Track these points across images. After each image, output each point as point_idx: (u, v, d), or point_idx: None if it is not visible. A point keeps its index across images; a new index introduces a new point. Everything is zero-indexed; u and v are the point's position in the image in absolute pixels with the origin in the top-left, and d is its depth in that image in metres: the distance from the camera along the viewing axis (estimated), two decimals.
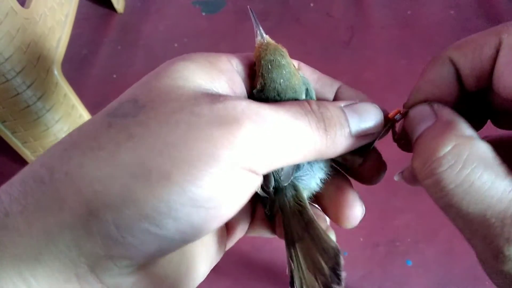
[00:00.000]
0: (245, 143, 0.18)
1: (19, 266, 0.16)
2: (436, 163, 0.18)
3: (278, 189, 0.23)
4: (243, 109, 0.18)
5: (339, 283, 0.19)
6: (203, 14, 1.16)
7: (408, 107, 0.22)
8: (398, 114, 0.23)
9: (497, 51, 0.19)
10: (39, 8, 0.77)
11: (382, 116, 0.22)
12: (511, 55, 0.19)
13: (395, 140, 0.24)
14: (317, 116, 0.21)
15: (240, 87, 0.22)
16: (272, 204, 0.24)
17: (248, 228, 0.27)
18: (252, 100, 0.20)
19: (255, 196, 0.22)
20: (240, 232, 0.26)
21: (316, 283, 0.20)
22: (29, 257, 0.16)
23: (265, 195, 0.23)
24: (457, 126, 0.19)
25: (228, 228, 0.26)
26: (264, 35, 0.23)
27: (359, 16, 1.15)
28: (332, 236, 0.23)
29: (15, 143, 0.79)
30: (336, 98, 0.25)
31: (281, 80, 0.22)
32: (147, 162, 0.17)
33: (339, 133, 0.21)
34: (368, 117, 0.22)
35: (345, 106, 0.22)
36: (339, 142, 0.21)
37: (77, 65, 1.07)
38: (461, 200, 0.17)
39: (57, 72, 0.80)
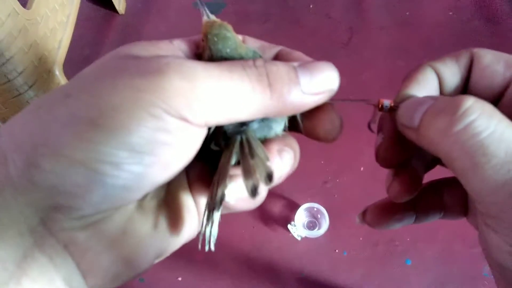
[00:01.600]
0: (168, 90, 0.18)
1: None
2: (466, 113, 0.18)
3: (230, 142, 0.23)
4: (168, 62, 0.19)
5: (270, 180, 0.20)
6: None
7: (398, 102, 0.23)
8: (389, 104, 0.23)
9: (471, 61, 0.23)
10: (41, 9, 0.77)
11: (337, 74, 0.22)
12: (485, 61, 0.22)
13: (369, 123, 0.24)
14: (259, 70, 0.20)
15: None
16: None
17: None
18: (180, 57, 0.20)
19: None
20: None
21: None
22: None
23: (217, 148, 0.23)
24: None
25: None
26: (210, 15, 0.24)
27: (358, 17, 1.15)
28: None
29: None
30: (276, 59, 0.24)
31: (228, 50, 0.23)
32: (76, 112, 0.18)
33: (286, 89, 0.20)
34: (321, 75, 0.21)
35: (298, 65, 0.21)
36: (289, 100, 0.20)
37: (79, 66, 1.06)
38: (496, 148, 0.18)
39: (58, 73, 0.81)
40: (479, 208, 0.19)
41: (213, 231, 0.21)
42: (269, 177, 0.20)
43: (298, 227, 0.80)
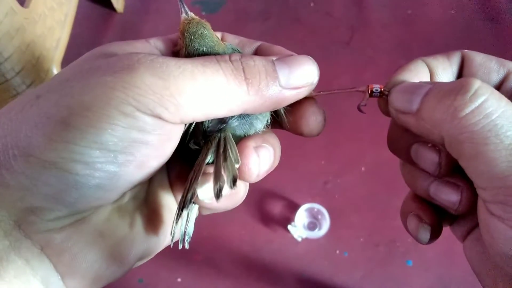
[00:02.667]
0: (139, 87, 0.18)
1: None
2: (476, 94, 0.18)
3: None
4: (139, 59, 0.19)
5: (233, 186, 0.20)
6: (203, 13, 1.15)
7: (389, 87, 0.22)
8: (379, 88, 0.22)
9: (462, 60, 0.22)
10: (39, 8, 0.77)
11: (316, 68, 0.22)
12: (478, 59, 0.22)
13: (359, 105, 0.24)
14: (234, 65, 0.20)
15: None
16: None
17: None
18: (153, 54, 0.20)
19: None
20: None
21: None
22: None
23: (196, 147, 0.23)
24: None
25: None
26: (189, 12, 0.24)
27: (359, 15, 1.15)
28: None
29: None
30: (256, 54, 0.24)
31: (204, 49, 0.22)
32: (46, 112, 0.18)
33: (264, 83, 0.20)
34: (299, 68, 0.21)
35: (276, 59, 0.21)
36: (267, 95, 0.20)
37: None
38: (508, 128, 0.17)
39: (56, 72, 0.80)
40: (484, 197, 0.19)
41: (189, 229, 0.20)
42: (234, 181, 0.20)
43: (299, 228, 0.80)
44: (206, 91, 0.19)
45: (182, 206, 0.20)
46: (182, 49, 0.23)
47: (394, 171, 0.26)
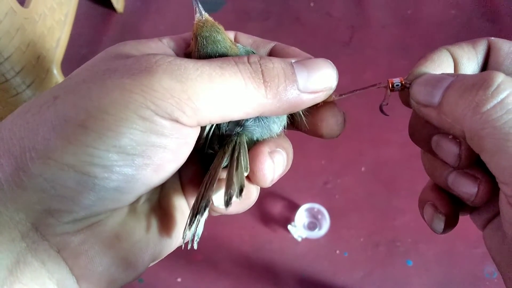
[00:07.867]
0: (158, 91, 0.18)
1: None
2: (498, 89, 0.18)
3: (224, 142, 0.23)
4: (157, 61, 0.19)
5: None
6: None
7: (411, 80, 0.21)
8: (399, 82, 0.22)
9: (489, 48, 0.22)
10: (39, 7, 0.77)
11: (335, 72, 0.21)
12: (506, 48, 0.21)
13: (380, 106, 0.23)
14: (253, 67, 0.19)
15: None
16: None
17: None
18: (171, 55, 0.20)
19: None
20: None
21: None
22: None
23: (210, 151, 0.23)
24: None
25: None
26: (203, 12, 0.23)
27: (359, 15, 1.15)
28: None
29: None
30: (271, 55, 0.24)
31: (217, 54, 0.22)
32: (64, 115, 0.18)
33: (283, 87, 0.20)
34: (318, 72, 0.20)
35: (295, 61, 0.21)
36: (285, 98, 0.20)
37: (77, 65, 1.05)
38: None
39: (56, 72, 0.80)
40: (506, 191, 0.18)
41: (199, 230, 0.21)
42: (241, 191, 0.20)
43: (299, 228, 0.80)
44: (224, 94, 0.19)
45: (196, 212, 0.20)
46: (195, 52, 0.22)
47: (394, 171, 0.26)
